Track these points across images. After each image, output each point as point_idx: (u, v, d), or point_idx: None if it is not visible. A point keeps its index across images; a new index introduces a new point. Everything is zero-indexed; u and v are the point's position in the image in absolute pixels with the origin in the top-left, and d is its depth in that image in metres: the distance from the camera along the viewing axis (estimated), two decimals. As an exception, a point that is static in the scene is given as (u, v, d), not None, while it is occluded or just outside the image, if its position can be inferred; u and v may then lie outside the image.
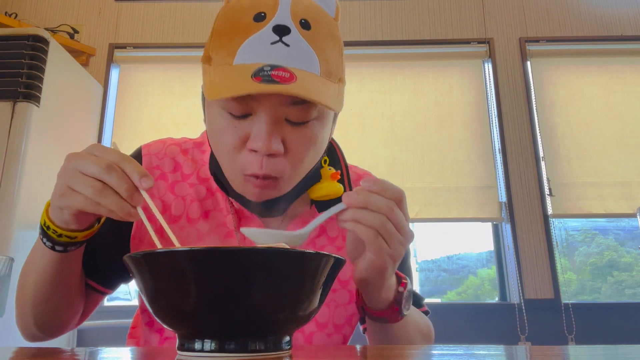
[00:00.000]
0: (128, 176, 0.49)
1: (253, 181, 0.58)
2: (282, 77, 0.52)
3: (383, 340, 0.66)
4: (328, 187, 0.66)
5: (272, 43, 0.55)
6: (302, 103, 0.56)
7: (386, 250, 0.52)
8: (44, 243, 0.56)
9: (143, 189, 0.49)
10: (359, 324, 0.76)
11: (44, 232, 0.55)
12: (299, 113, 0.57)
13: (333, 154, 0.76)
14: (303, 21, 0.57)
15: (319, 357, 0.48)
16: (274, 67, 0.53)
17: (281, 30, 0.55)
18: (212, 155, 0.68)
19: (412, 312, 0.66)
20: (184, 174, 0.71)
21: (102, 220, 0.58)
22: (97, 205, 0.49)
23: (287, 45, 0.55)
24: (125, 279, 0.73)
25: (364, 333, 0.76)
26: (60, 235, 0.54)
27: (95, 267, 0.69)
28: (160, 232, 0.53)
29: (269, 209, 0.65)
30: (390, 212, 0.51)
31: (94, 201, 0.49)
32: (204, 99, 0.64)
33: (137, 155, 0.72)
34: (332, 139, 0.75)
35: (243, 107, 0.56)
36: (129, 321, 0.83)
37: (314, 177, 0.67)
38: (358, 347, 0.58)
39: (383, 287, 0.57)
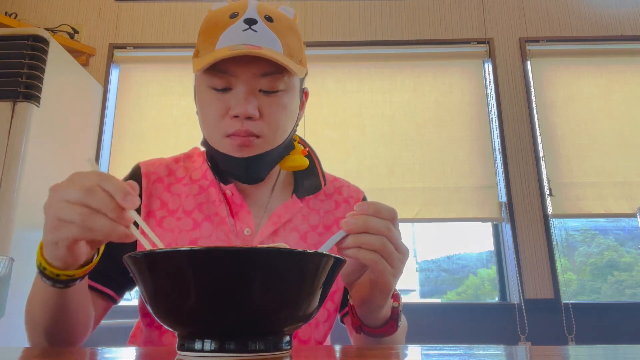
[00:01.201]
0: (112, 196, 0.48)
1: (235, 138, 0.70)
2: (250, 47, 0.66)
3: (371, 345, 0.68)
4: (296, 159, 0.79)
5: (244, 30, 0.70)
6: (272, 74, 0.70)
7: (389, 271, 0.54)
8: (45, 281, 0.54)
9: (127, 209, 0.48)
10: (337, 315, 0.81)
11: (42, 272, 0.54)
12: (270, 83, 0.70)
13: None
14: (267, 16, 0.72)
15: (318, 357, 0.48)
16: (245, 44, 0.68)
17: (250, 22, 0.71)
18: (205, 140, 0.78)
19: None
20: (178, 177, 0.81)
21: (101, 251, 0.57)
22: (90, 230, 0.47)
23: (255, 31, 0.70)
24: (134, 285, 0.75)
25: (341, 322, 0.82)
26: (58, 275, 0.53)
27: (112, 275, 0.73)
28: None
29: (252, 167, 0.73)
30: (388, 232, 0.53)
31: (85, 227, 0.47)
32: (195, 93, 0.76)
33: (136, 170, 0.81)
34: (307, 144, 0.86)
35: (224, 82, 0.70)
36: (129, 321, 0.84)
37: (288, 149, 0.79)
38: (350, 347, 0.58)
39: (384, 306, 0.59)
